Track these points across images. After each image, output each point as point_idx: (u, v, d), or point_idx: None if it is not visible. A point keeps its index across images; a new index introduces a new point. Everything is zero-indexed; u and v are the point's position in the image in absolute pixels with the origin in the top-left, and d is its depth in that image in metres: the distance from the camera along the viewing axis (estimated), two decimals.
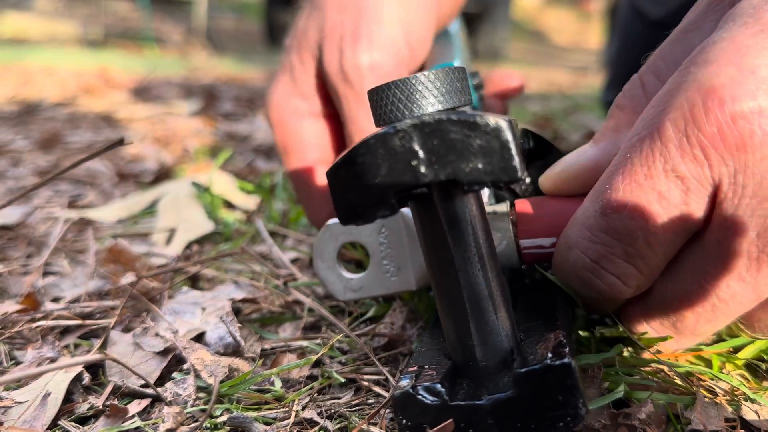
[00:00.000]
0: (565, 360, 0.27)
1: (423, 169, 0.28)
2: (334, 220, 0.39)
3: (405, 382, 0.29)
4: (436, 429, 0.28)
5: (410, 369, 0.31)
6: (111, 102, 1.69)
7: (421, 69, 0.52)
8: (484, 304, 0.30)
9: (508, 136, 0.27)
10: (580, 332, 0.38)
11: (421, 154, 0.28)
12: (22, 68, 2.40)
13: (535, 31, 8.43)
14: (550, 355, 0.27)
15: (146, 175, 0.95)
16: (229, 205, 0.78)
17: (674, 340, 0.34)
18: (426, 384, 0.29)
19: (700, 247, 0.30)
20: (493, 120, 0.27)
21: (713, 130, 0.27)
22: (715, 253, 0.29)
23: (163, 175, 0.94)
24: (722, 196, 0.28)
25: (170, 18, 5.79)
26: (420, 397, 0.29)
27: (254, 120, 1.51)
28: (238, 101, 1.84)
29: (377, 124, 0.30)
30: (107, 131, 1.34)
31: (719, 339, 0.37)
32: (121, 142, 0.37)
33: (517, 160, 0.27)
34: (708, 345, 0.37)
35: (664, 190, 0.28)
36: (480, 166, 0.27)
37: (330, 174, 0.29)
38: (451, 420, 0.28)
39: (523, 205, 0.35)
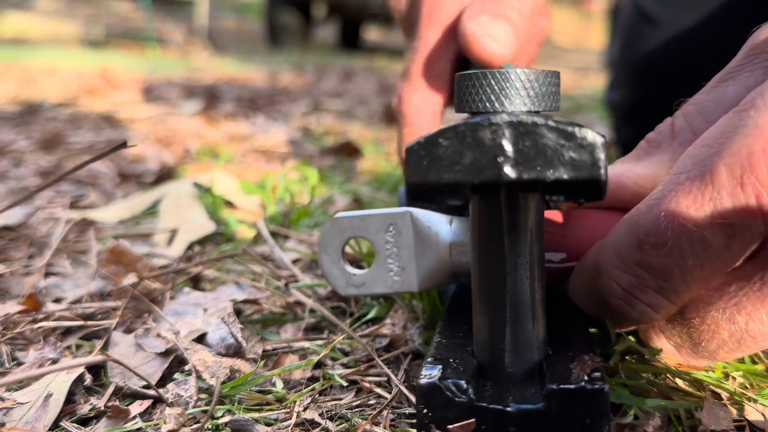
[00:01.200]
0: (601, 386, 0.27)
1: (507, 168, 0.27)
2: (342, 214, 0.39)
3: (432, 372, 0.29)
4: (457, 425, 0.28)
5: (433, 359, 0.31)
6: (113, 102, 1.69)
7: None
8: (525, 312, 0.29)
9: (602, 154, 0.27)
10: None
11: (509, 152, 0.27)
12: (23, 68, 2.40)
13: None
14: (586, 377, 0.27)
15: (148, 176, 0.95)
16: (231, 206, 0.78)
17: (690, 358, 0.34)
18: (455, 379, 0.28)
19: (739, 282, 0.29)
20: (590, 135, 0.27)
21: None
22: (756, 290, 0.29)
23: (165, 175, 0.94)
24: None
25: (171, 18, 5.79)
26: (448, 391, 0.28)
27: (256, 120, 1.51)
28: (240, 101, 1.84)
29: (458, 110, 0.30)
30: (109, 131, 1.34)
31: None
32: (124, 145, 0.37)
33: (603, 180, 0.27)
34: None
35: (709, 234, 0.27)
36: (565, 177, 0.27)
37: (409, 150, 0.28)
38: (474, 419, 0.28)
39: None
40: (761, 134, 0.26)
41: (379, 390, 0.38)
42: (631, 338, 0.36)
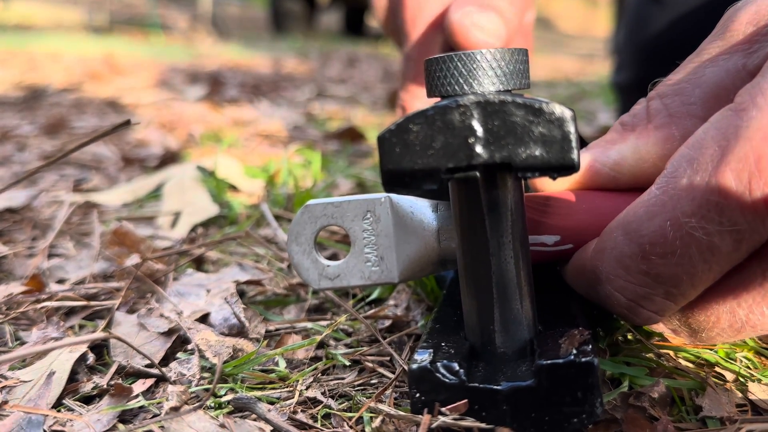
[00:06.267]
0: (590, 359, 0.27)
1: (478, 148, 0.27)
2: (314, 201, 0.36)
3: (423, 357, 0.29)
4: (450, 407, 0.28)
5: (426, 344, 0.31)
6: (117, 88, 1.69)
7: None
8: (511, 291, 0.29)
9: (571, 127, 0.27)
10: None
11: (479, 132, 0.27)
12: (28, 54, 2.40)
13: (542, 18, 8.38)
14: (574, 351, 0.27)
15: (151, 160, 0.95)
16: (234, 189, 0.78)
17: (686, 341, 0.33)
18: (445, 361, 0.28)
19: (741, 276, 0.29)
20: (558, 109, 0.27)
21: None
22: (758, 283, 0.28)
23: (169, 159, 0.93)
24: None
25: (176, 4, 5.78)
26: (438, 374, 0.28)
27: (259, 105, 1.51)
28: (243, 87, 1.83)
29: (430, 95, 0.29)
30: (113, 117, 1.34)
31: None
32: (127, 123, 0.37)
33: (575, 153, 0.27)
34: None
35: (718, 240, 0.27)
36: (537, 153, 0.27)
37: (381, 138, 0.28)
38: (466, 400, 0.28)
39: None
40: (766, 137, 0.26)
41: (381, 369, 0.38)
42: None
